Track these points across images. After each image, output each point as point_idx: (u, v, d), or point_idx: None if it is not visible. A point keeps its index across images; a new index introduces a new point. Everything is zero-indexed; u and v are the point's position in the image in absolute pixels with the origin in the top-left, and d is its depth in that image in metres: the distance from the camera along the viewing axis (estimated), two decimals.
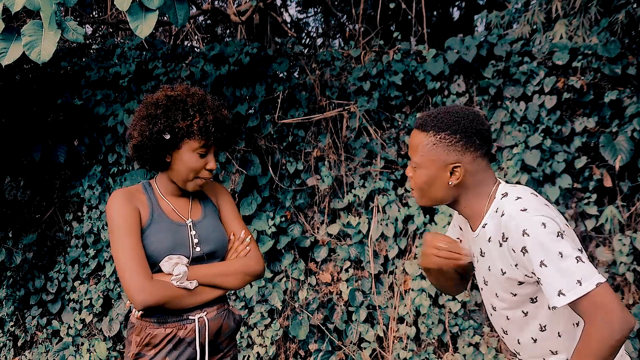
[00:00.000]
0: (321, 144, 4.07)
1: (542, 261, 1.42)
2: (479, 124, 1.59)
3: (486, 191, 1.64)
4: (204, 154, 1.88)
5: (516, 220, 1.48)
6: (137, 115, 1.89)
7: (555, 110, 3.66)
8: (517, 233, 1.47)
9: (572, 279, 1.39)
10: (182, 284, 1.81)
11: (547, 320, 1.60)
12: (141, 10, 2.48)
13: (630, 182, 3.59)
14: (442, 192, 1.65)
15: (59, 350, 4.23)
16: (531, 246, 1.43)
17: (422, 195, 1.69)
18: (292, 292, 4.02)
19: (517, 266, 1.52)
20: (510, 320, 1.68)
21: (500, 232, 1.55)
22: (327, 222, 4.06)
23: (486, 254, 1.65)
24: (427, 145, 1.61)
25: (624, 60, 3.58)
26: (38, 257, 4.52)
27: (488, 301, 1.77)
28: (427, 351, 3.76)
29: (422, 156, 1.62)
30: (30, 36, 2.42)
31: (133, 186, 1.97)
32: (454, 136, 1.57)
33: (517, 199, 1.54)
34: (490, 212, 1.61)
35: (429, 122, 1.61)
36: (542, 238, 1.42)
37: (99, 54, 4.62)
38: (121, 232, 1.79)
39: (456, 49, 3.86)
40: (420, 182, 1.65)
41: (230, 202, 2.12)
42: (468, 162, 1.59)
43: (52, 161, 4.41)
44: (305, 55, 4.36)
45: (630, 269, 3.50)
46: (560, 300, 1.40)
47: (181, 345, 1.87)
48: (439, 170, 1.61)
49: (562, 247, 1.41)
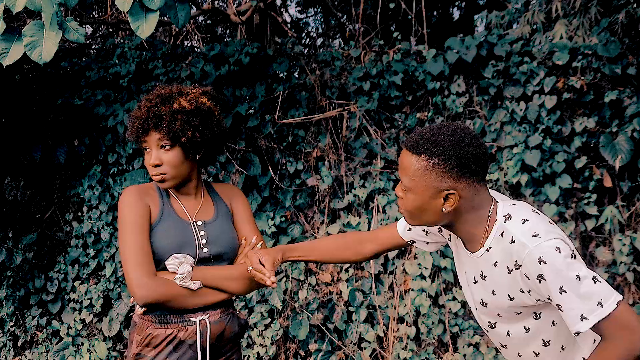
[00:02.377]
0: (321, 144, 4.07)
1: (562, 287, 1.37)
2: (476, 148, 1.48)
3: (484, 214, 1.55)
4: (146, 148, 1.89)
5: (530, 247, 1.41)
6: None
7: (555, 110, 3.66)
8: (532, 261, 1.40)
9: (593, 302, 1.36)
10: (185, 283, 1.80)
11: (551, 335, 1.58)
12: (142, 10, 2.48)
13: (630, 182, 3.59)
14: (435, 218, 1.56)
15: (59, 350, 4.23)
16: (549, 274, 1.38)
17: (412, 218, 1.60)
18: (292, 292, 4.02)
19: (530, 292, 1.48)
20: (512, 336, 1.65)
21: (511, 260, 1.48)
22: (327, 222, 4.06)
23: (488, 278, 1.59)
24: (418, 169, 1.49)
25: (624, 60, 3.58)
26: (38, 257, 4.52)
27: (485, 319, 1.72)
28: (427, 351, 3.76)
29: (413, 181, 1.51)
30: (32, 37, 2.42)
31: (146, 184, 1.98)
32: (449, 162, 1.46)
33: (524, 221, 1.47)
34: (494, 235, 1.53)
35: (421, 145, 1.49)
36: (558, 264, 1.37)
37: (99, 54, 4.62)
38: (129, 227, 1.80)
39: (456, 49, 3.86)
40: (410, 206, 1.56)
41: (244, 205, 2.11)
42: (463, 188, 1.49)
43: (52, 161, 4.41)
44: (305, 55, 4.36)
45: (630, 269, 3.50)
46: (584, 325, 1.37)
47: (182, 347, 1.85)
48: (431, 196, 1.50)
49: (578, 270, 1.38)
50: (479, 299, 1.68)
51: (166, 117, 1.82)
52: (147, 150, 1.88)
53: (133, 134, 1.87)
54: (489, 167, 1.56)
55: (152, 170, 1.86)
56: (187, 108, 1.85)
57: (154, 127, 1.83)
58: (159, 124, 1.83)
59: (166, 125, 1.82)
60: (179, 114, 1.84)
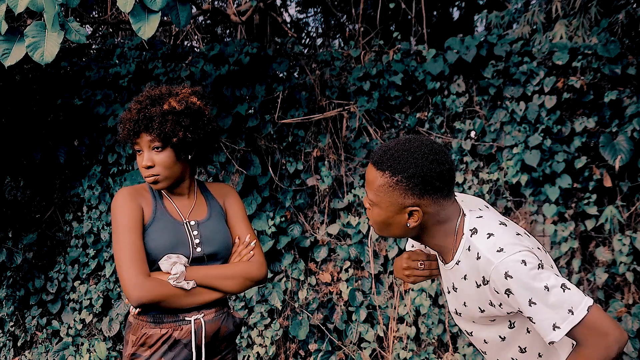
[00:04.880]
0: (321, 144, 4.07)
1: (530, 300, 1.37)
2: (439, 165, 1.47)
3: (450, 227, 1.55)
4: (139, 150, 1.89)
5: (495, 263, 1.41)
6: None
7: (555, 110, 3.67)
8: (498, 277, 1.40)
9: (564, 310, 1.36)
10: (179, 283, 1.80)
11: (527, 342, 1.58)
12: (143, 11, 2.48)
13: (630, 182, 3.59)
14: (401, 232, 1.57)
15: (58, 350, 4.24)
16: (516, 288, 1.38)
17: (380, 230, 1.61)
18: (292, 292, 4.02)
19: (502, 305, 1.48)
20: (489, 343, 1.66)
21: (479, 275, 1.48)
22: (327, 222, 4.07)
23: (459, 290, 1.60)
24: (382, 186, 1.49)
25: (624, 61, 3.58)
26: (38, 257, 4.52)
27: (463, 327, 1.73)
28: (427, 351, 3.76)
29: (378, 196, 1.52)
30: (33, 37, 2.42)
31: (139, 185, 1.99)
32: (411, 180, 1.46)
33: (489, 236, 1.46)
34: (461, 249, 1.53)
35: (385, 161, 1.49)
36: (525, 278, 1.37)
37: (99, 54, 4.63)
38: (122, 228, 1.81)
39: (456, 49, 3.86)
40: (377, 220, 1.57)
41: (238, 204, 2.11)
42: (427, 204, 1.49)
43: (52, 161, 4.41)
44: (305, 55, 4.36)
45: (630, 268, 3.50)
46: (557, 335, 1.37)
47: (177, 347, 1.86)
48: (395, 212, 1.51)
49: (545, 280, 1.37)
50: (453, 309, 1.70)
51: (157, 119, 1.82)
52: (139, 152, 1.89)
53: (124, 136, 1.88)
54: (454, 182, 1.54)
55: (145, 171, 1.87)
56: (177, 108, 1.85)
57: (145, 129, 1.83)
58: (149, 126, 1.83)
59: (157, 126, 1.82)
60: (170, 114, 1.84)
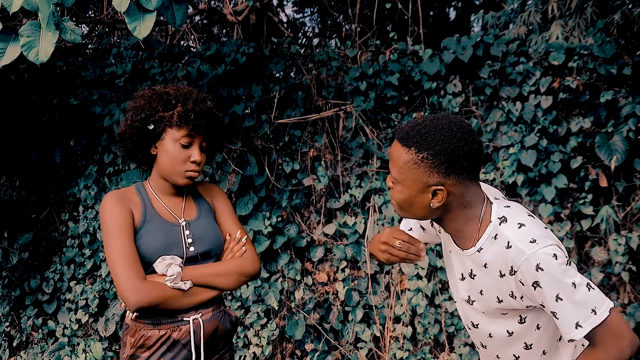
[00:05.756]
0: (317, 144, 4.07)
1: (558, 295, 1.36)
2: (467, 144, 1.42)
3: (475, 213, 1.52)
4: (187, 144, 1.88)
5: (527, 254, 1.38)
6: (127, 108, 1.96)
7: (551, 111, 3.67)
8: (529, 268, 1.38)
9: (587, 309, 1.36)
10: (175, 284, 1.80)
11: (535, 339, 1.58)
12: (139, 11, 2.47)
13: (625, 182, 3.60)
14: (423, 212, 1.52)
15: (54, 351, 4.22)
16: (545, 281, 1.37)
17: (401, 209, 1.57)
18: (288, 292, 4.02)
19: (523, 298, 1.47)
20: (494, 337, 1.64)
21: (506, 265, 1.45)
22: (323, 222, 4.06)
23: (477, 278, 1.57)
24: (407, 162, 1.45)
25: (620, 61, 3.59)
26: (34, 257, 4.51)
27: (469, 318, 1.70)
28: (423, 351, 3.76)
29: (402, 173, 1.48)
30: (28, 37, 2.41)
31: (125, 188, 1.97)
32: (438, 157, 1.41)
33: (520, 226, 1.44)
34: (486, 237, 1.50)
35: (411, 137, 1.45)
36: (555, 272, 1.36)
37: (95, 53, 4.61)
38: (114, 233, 1.79)
39: (452, 49, 3.87)
40: (399, 198, 1.53)
41: (226, 202, 2.11)
42: (452, 184, 1.45)
43: (48, 161, 4.40)
44: (302, 55, 4.36)
45: (625, 268, 3.51)
46: (579, 333, 1.37)
47: (176, 347, 1.86)
48: (419, 190, 1.47)
49: (573, 277, 1.37)
50: (465, 296, 1.66)
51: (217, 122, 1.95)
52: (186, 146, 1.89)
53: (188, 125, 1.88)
54: (482, 164, 1.51)
55: (190, 165, 1.89)
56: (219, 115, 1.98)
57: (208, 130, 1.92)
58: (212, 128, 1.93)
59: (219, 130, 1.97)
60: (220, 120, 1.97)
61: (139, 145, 1.91)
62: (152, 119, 1.86)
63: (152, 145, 1.92)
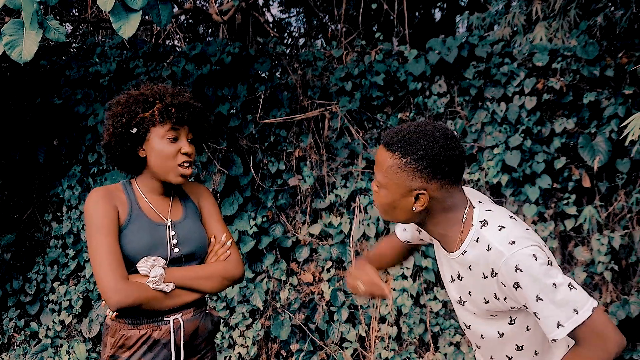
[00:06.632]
0: (303, 144, 4.07)
1: (538, 295, 1.37)
2: (450, 150, 1.47)
3: (457, 217, 1.55)
4: (174, 138, 1.86)
5: (506, 256, 1.41)
6: (105, 118, 1.92)
7: (535, 111, 3.70)
8: (508, 269, 1.40)
9: (569, 309, 1.37)
10: (158, 286, 1.78)
11: (525, 340, 1.59)
12: (124, 10, 2.45)
13: (608, 182, 3.64)
14: (406, 216, 1.57)
15: (37, 352, 4.18)
16: (525, 282, 1.38)
17: (385, 213, 1.60)
18: (273, 292, 4.01)
19: (506, 299, 1.48)
20: (485, 339, 1.66)
21: (487, 267, 1.48)
22: (308, 222, 4.06)
23: (465, 279, 1.60)
24: (391, 167, 1.49)
25: (602, 62, 3.63)
26: (16, 258, 4.46)
27: (462, 318, 1.73)
28: (408, 350, 3.77)
29: (386, 177, 1.52)
30: (11, 35, 2.38)
31: (112, 185, 1.94)
32: (421, 162, 1.46)
33: (500, 228, 1.46)
34: (469, 240, 1.52)
35: (396, 142, 1.49)
36: (535, 272, 1.37)
37: (79, 52, 4.58)
38: (98, 230, 1.77)
39: (438, 50, 3.88)
40: (383, 202, 1.57)
41: (212, 203, 2.10)
42: (434, 189, 1.49)
43: (31, 161, 4.36)
44: (287, 55, 4.35)
45: (608, 268, 3.54)
46: (560, 332, 1.38)
47: (156, 347, 1.84)
48: (402, 194, 1.51)
49: (554, 277, 1.38)
50: (456, 297, 1.69)
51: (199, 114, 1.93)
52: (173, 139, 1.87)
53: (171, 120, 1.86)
54: (464, 169, 1.55)
55: (182, 158, 1.87)
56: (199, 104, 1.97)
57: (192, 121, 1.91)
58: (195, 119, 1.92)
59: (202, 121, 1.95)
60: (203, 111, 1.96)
61: (126, 151, 1.87)
62: (134, 122, 1.83)
63: (139, 148, 1.88)
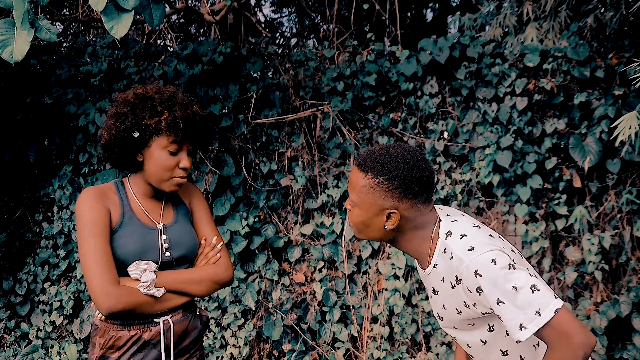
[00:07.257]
0: (295, 144, 4.07)
1: (499, 299, 1.41)
2: (420, 171, 1.54)
3: (427, 233, 1.61)
4: (175, 151, 1.81)
5: (465, 262, 1.46)
6: (108, 114, 1.85)
7: (527, 112, 3.72)
8: (469, 275, 1.45)
9: (531, 311, 1.38)
10: (149, 291, 1.77)
11: (507, 345, 1.61)
12: (116, 10, 2.44)
13: (598, 182, 3.66)
14: (378, 234, 1.63)
15: (27, 353, 4.16)
16: (485, 286, 1.42)
17: (359, 231, 1.67)
18: (265, 292, 4.01)
19: (476, 305, 1.51)
20: (472, 348, 1.70)
21: (452, 275, 1.53)
22: (300, 222, 4.06)
23: (440, 293, 1.64)
24: (364, 187, 1.56)
25: (593, 63, 3.65)
26: (6, 259, 4.44)
27: (448, 332, 1.77)
28: (400, 350, 3.78)
29: (359, 197, 1.58)
30: (2, 35, 2.35)
31: (104, 184, 1.91)
32: (392, 183, 1.53)
33: (462, 237, 1.52)
34: (438, 252, 1.58)
35: (368, 163, 1.56)
36: (494, 276, 1.41)
37: (69, 51, 4.56)
38: (89, 232, 1.73)
39: (429, 50, 3.89)
40: (356, 220, 1.63)
41: (203, 205, 2.07)
42: (405, 208, 1.56)
43: (21, 161, 4.33)
44: (279, 55, 4.35)
45: (598, 267, 3.56)
46: (523, 334, 1.40)
47: (146, 348, 1.83)
48: (375, 213, 1.58)
49: (515, 280, 1.40)
50: (436, 313, 1.74)
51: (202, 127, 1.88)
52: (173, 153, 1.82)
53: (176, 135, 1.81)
54: (433, 189, 1.63)
55: (179, 172, 1.84)
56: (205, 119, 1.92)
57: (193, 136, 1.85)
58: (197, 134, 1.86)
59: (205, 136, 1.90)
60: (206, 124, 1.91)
61: (125, 153, 1.82)
62: (138, 127, 1.78)
63: (137, 152, 1.84)
